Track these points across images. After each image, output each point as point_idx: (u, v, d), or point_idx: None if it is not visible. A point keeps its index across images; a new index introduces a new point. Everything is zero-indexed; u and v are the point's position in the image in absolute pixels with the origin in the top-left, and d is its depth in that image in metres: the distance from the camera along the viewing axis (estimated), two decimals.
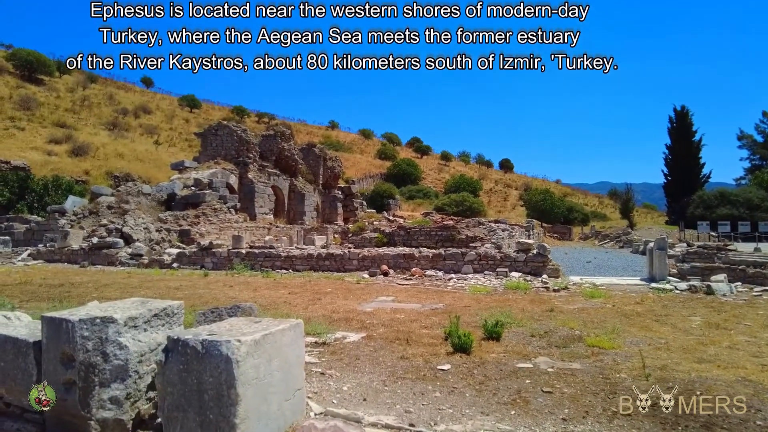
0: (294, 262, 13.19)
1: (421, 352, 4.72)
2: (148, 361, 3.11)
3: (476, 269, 11.48)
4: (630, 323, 6.21)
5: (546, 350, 4.88)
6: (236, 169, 27.59)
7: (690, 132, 42.73)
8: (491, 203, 54.82)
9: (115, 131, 40.89)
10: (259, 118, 72.01)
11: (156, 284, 10.63)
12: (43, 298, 8.64)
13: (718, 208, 34.47)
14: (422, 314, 6.82)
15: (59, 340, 2.93)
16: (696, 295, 8.88)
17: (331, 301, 8.07)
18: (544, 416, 3.18)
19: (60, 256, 16.05)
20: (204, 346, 2.49)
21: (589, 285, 10.11)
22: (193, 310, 5.49)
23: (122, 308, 3.16)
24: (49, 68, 51.35)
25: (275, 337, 2.74)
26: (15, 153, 27.91)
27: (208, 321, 3.44)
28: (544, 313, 6.90)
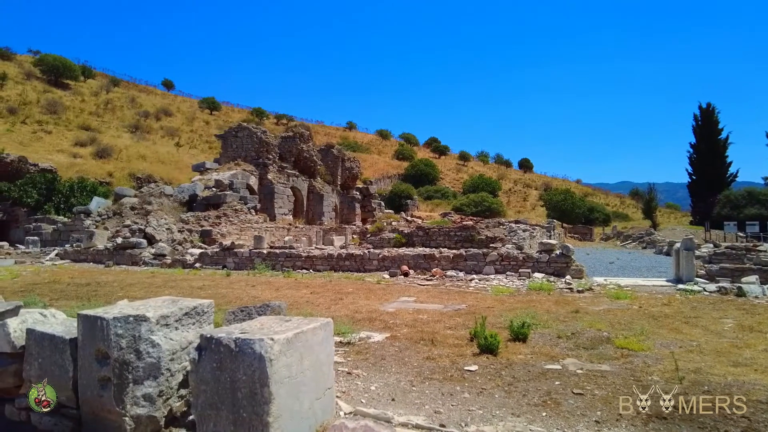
0: (314, 262, 13.25)
1: (447, 352, 4.68)
2: (180, 359, 3.15)
3: (498, 270, 11.37)
4: (659, 325, 6.07)
5: (574, 352, 4.80)
6: (256, 170, 27.85)
7: (716, 130, 41.64)
8: (510, 203, 54.30)
9: (137, 134, 41.67)
10: (277, 120, 72.64)
11: (179, 284, 10.78)
12: (72, 297, 8.83)
13: (745, 208, 33.54)
14: (445, 315, 6.78)
15: (94, 338, 2.98)
16: (726, 297, 8.65)
17: (353, 301, 8.07)
18: (576, 418, 3.12)
19: (86, 256, 16.40)
20: (237, 345, 2.50)
21: (614, 286, 9.93)
22: (218, 309, 5.55)
23: (154, 307, 3.20)
24: (74, 73, 52.60)
25: (307, 336, 2.74)
26: (43, 156, 28.63)
27: (237, 320, 3.46)
28: (570, 315, 6.80)
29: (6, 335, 3.26)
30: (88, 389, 3.02)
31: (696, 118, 43.05)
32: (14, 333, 3.27)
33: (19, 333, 3.28)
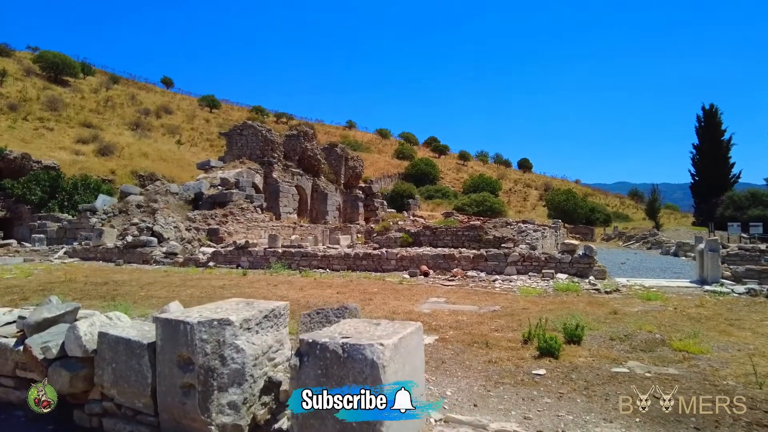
0: (331, 261, 13.12)
1: (506, 356, 4.58)
2: (261, 365, 3.02)
3: (520, 271, 11.28)
4: (704, 327, 5.99)
5: (632, 354, 4.70)
6: (261, 169, 27.68)
7: (719, 131, 41.74)
8: (511, 203, 54.30)
9: (138, 131, 41.33)
10: (277, 118, 72.34)
11: (198, 283, 10.63)
12: (94, 297, 8.66)
13: (749, 209, 33.62)
14: (484, 317, 6.67)
15: (176, 343, 2.85)
16: (756, 299, 8.57)
17: (383, 301, 7.95)
18: (672, 424, 3.02)
19: (95, 254, 16.20)
20: (345, 350, 2.38)
21: (640, 287, 9.86)
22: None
23: (231, 310, 3.08)
24: (74, 69, 52.10)
25: (407, 341, 2.62)
26: (45, 153, 28.32)
27: (315, 323, 3.34)
28: (609, 316, 6.71)
29: (77, 339, 3.12)
30: (168, 396, 2.89)
31: (699, 119, 43.16)
32: (85, 336, 3.13)
33: (89, 336, 3.15)
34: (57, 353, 3.22)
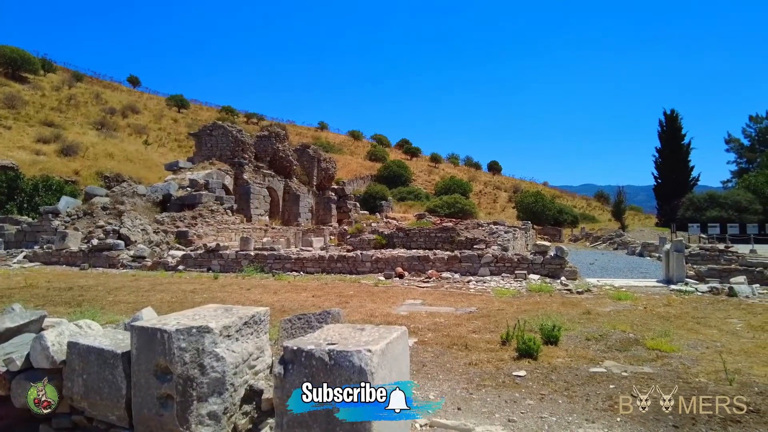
0: (305, 264, 12.97)
1: (485, 357, 4.60)
2: (242, 373, 2.93)
3: (493, 272, 11.40)
4: (674, 326, 6.16)
5: (608, 354, 4.80)
6: (231, 170, 27.19)
7: (679, 135, 43.34)
8: (481, 205, 54.98)
9: (103, 131, 39.99)
10: (247, 119, 71.29)
11: (168, 287, 10.33)
12: (58, 303, 8.31)
13: (707, 211, 35.01)
14: (461, 318, 6.70)
15: (153, 352, 2.73)
16: (719, 297, 8.90)
17: (360, 304, 7.90)
18: (651, 423, 3.08)
19: (58, 258, 15.58)
20: (332, 357, 2.32)
21: (610, 287, 10.11)
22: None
23: (210, 316, 2.98)
24: (34, 66, 50.10)
25: (393, 347, 2.58)
26: (2, 152, 27.11)
27: (296, 328, 3.27)
28: (583, 316, 6.84)
29: (44, 349, 2.96)
30: (144, 408, 2.77)
31: (661, 123, 44.68)
32: (53, 347, 2.97)
33: (57, 347, 2.99)
34: (22, 365, 3.05)
